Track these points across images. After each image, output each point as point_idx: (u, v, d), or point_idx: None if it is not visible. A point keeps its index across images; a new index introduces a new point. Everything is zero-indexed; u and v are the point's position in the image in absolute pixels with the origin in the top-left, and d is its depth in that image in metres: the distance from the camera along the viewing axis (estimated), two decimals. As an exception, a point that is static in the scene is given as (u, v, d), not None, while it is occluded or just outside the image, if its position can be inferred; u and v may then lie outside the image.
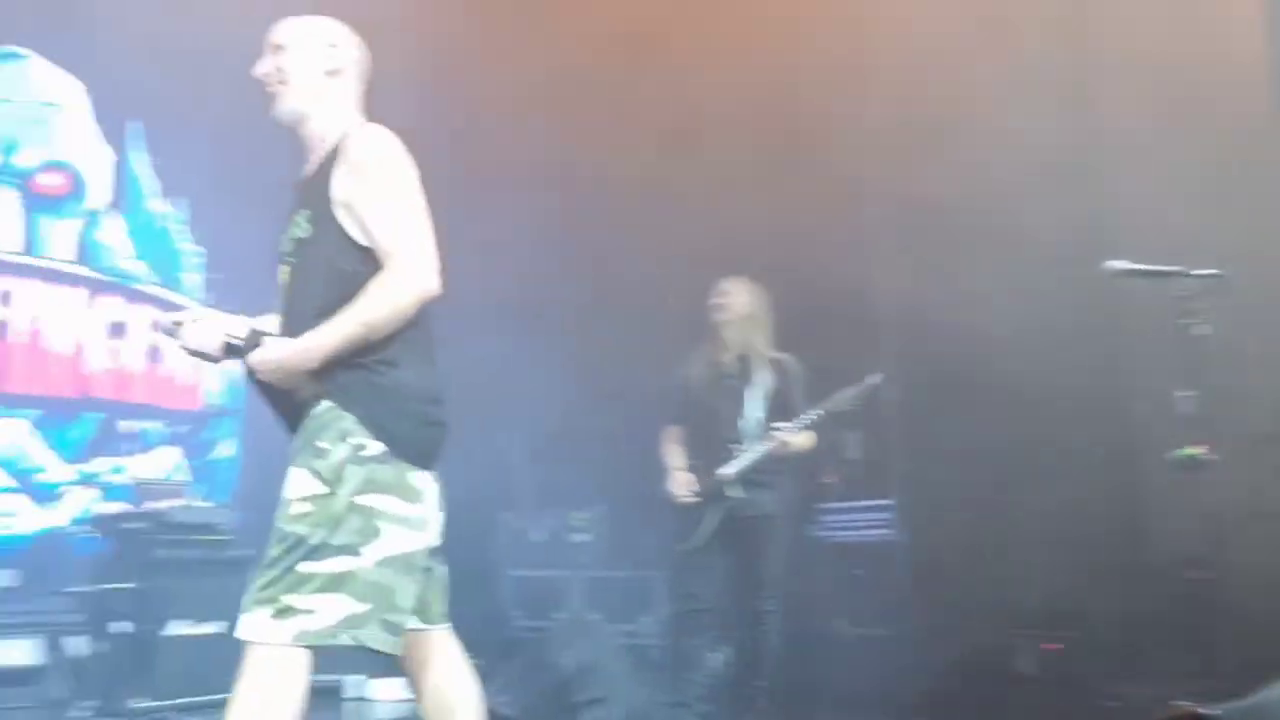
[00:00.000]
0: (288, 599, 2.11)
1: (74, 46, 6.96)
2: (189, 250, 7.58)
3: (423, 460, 2.27)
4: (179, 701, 4.74)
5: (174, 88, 6.82)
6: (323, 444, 2.20)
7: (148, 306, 7.31)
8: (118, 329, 7.19)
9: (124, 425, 7.15)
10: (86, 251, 7.16)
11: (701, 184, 6.16)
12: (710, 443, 4.40)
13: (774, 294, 4.61)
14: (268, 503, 5.64)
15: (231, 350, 2.32)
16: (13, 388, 6.84)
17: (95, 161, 7.24)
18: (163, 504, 4.99)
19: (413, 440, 2.24)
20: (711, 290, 4.56)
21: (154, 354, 7.32)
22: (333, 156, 2.31)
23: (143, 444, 7.16)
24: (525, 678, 4.73)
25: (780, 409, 4.36)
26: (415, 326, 2.26)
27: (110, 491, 6.73)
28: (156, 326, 2.22)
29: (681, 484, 4.41)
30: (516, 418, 6.89)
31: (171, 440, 7.21)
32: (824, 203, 5.62)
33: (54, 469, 6.89)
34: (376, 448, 2.20)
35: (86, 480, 6.84)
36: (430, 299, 2.23)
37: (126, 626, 4.80)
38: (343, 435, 2.20)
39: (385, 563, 2.17)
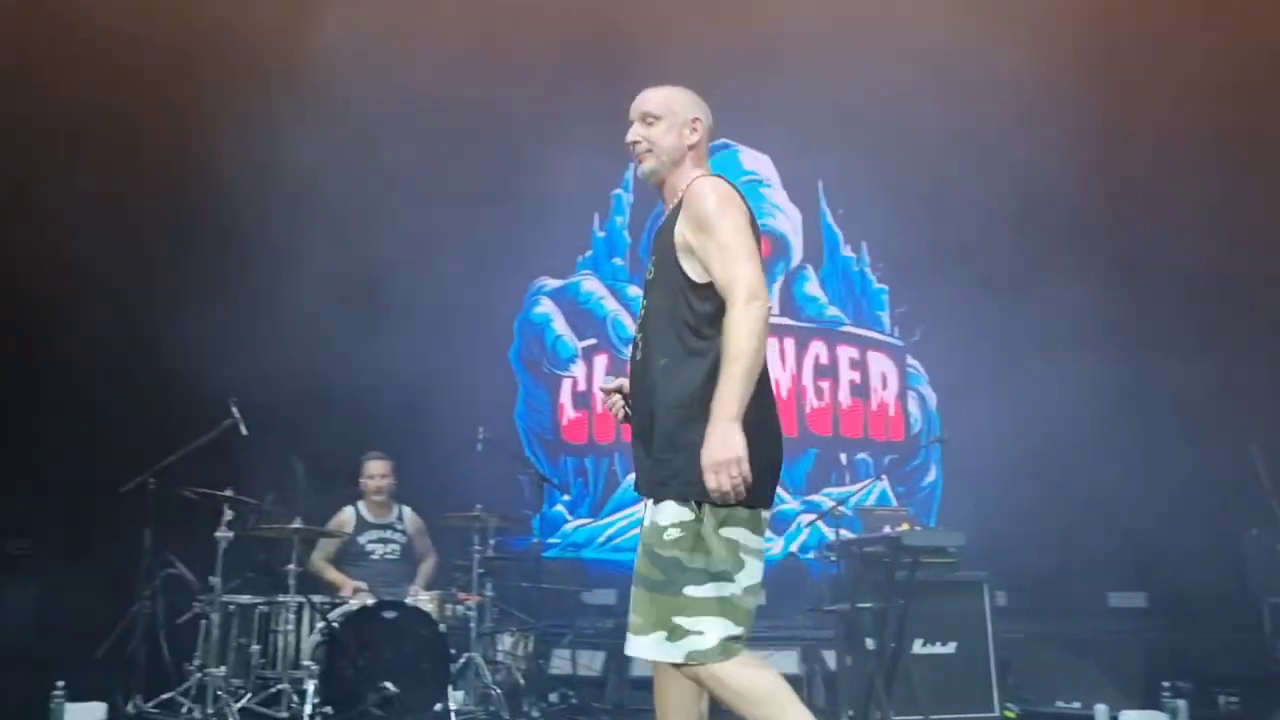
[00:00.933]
0: (677, 620, 2.31)
1: (762, 130, 7.94)
2: (876, 289, 8.08)
3: (765, 499, 2.42)
4: (932, 718, 4.93)
5: (841, 145, 7.44)
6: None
7: (848, 347, 7.96)
8: (826, 370, 7.93)
9: (839, 457, 7.81)
10: (794, 304, 8.06)
11: None
12: None
13: None
14: (970, 525, 5.75)
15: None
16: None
17: (791, 223, 8.13)
18: (891, 529, 5.29)
19: (758, 479, 2.33)
20: None
21: (860, 390, 7.91)
22: (678, 208, 2.55)
23: (857, 474, 7.73)
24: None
25: None
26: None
27: (837, 519, 7.37)
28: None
29: None
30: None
31: (882, 469, 7.67)
32: None
33: (787, 500, 7.75)
34: None
35: (812, 509, 7.57)
36: (766, 309, 2.36)
37: (871, 643, 5.15)
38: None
39: (749, 590, 2.36)
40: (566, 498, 7.88)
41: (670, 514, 2.37)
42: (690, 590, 2.31)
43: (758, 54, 6.99)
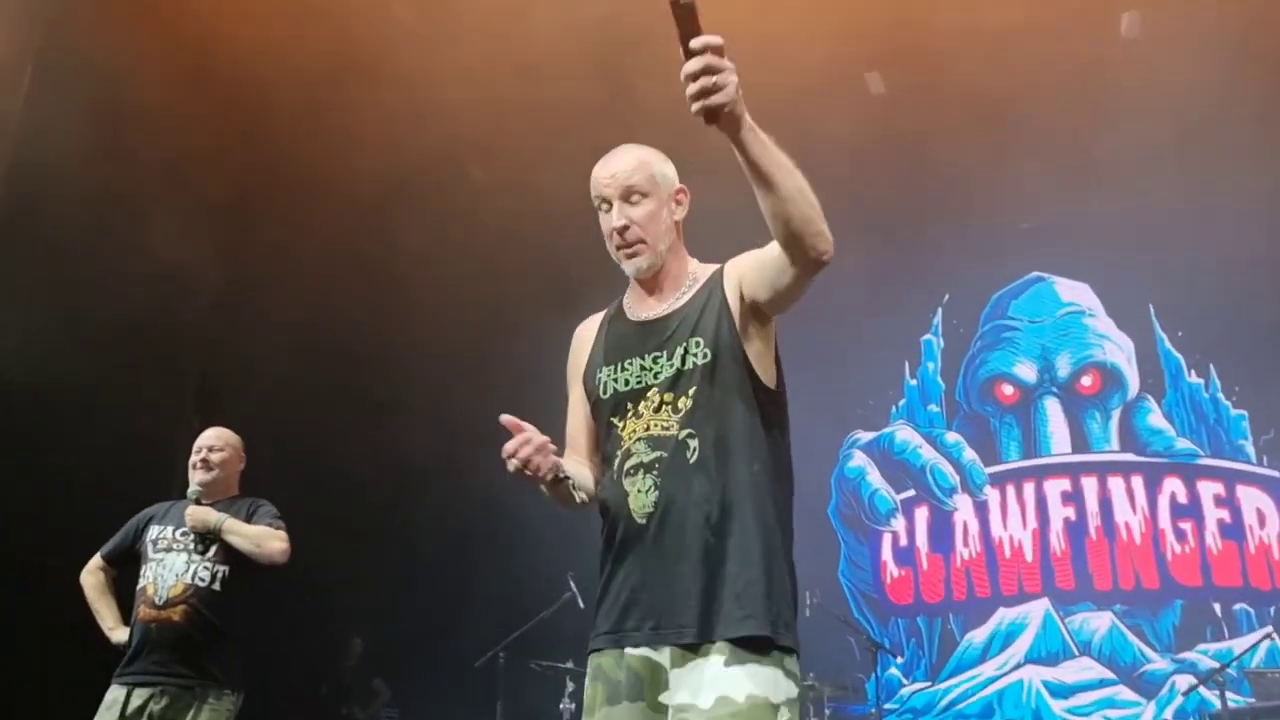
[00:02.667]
0: None
1: (1078, 258, 7.56)
2: (1234, 416, 7.26)
3: None
4: None
5: (1170, 262, 6.90)
6: None
7: (1211, 482, 7.12)
8: (1185, 510, 7.12)
9: (1212, 608, 6.90)
10: (1138, 438, 7.39)
11: None
12: None
13: None
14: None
15: None
16: (1097, 584, 7.19)
17: (1124, 353, 7.55)
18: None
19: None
20: None
21: (1233, 531, 7.01)
22: (714, 291, 2.13)
23: (1238, 627, 6.78)
24: None
25: None
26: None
27: (1221, 683, 6.44)
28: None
29: None
30: None
31: (1270, 622, 6.68)
32: None
33: (1154, 659, 6.90)
34: None
35: (1186, 669, 6.67)
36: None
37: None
38: None
39: None
40: (900, 660, 7.48)
41: (783, 687, 1.91)
42: None
43: (1066, 183, 6.73)
